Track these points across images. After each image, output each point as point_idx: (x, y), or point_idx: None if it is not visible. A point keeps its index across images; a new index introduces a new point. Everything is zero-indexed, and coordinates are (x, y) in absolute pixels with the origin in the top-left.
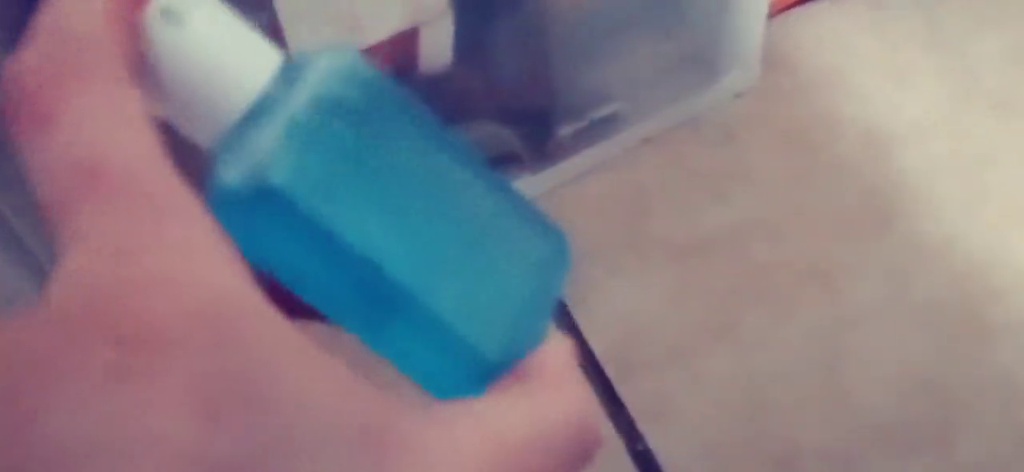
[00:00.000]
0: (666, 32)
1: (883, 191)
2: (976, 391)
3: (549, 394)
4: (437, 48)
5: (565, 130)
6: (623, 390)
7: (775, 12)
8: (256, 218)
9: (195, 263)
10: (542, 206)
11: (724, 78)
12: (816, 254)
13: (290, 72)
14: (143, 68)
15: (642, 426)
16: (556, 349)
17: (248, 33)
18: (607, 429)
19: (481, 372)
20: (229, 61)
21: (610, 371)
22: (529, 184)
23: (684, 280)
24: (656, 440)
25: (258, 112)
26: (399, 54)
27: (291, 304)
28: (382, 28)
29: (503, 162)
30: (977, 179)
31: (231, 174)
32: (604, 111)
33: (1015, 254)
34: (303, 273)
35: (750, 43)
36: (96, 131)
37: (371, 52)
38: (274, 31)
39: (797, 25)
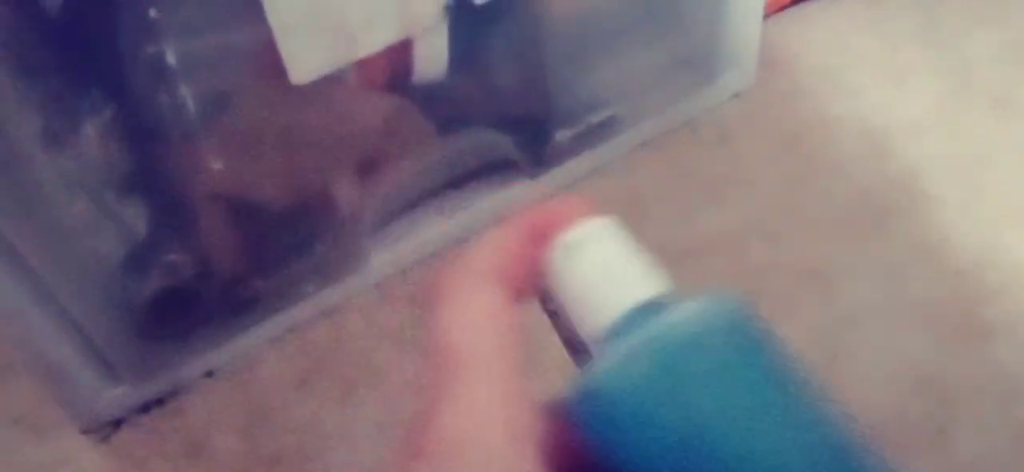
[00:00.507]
0: (662, 35)
1: (880, 191)
2: (974, 389)
3: None
4: (432, 58)
5: (562, 135)
6: None
7: (771, 12)
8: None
9: None
10: None
11: (720, 80)
12: (813, 255)
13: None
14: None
15: None
16: None
17: (636, 259)
18: None
19: None
20: (614, 283)
21: None
22: (526, 190)
23: (681, 284)
24: None
25: (629, 326)
26: (394, 65)
27: None
28: (375, 40)
29: (500, 169)
30: (975, 178)
31: (591, 374)
32: (601, 116)
33: (1012, 253)
34: None
35: (746, 44)
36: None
37: (365, 64)
38: (267, 44)
39: (793, 25)
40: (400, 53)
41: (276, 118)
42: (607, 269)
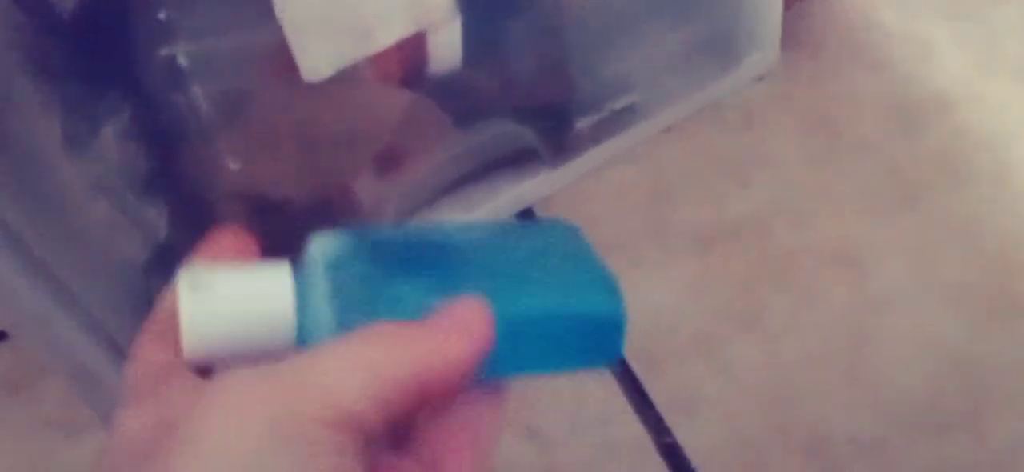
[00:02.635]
0: (684, 19)
1: (908, 169)
2: (1008, 369)
3: (434, 339)
4: (446, 50)
5: (584, 123)
6: (650, 385)
7: None
8: None
9: None
10: (563, 202)
11: (744, 62)
12: (842, 236)
13: (302, 278)
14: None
15: (670, 419)
16: (464, 304)
17: (259, 274)
18: (635, 424)
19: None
20: (256, 305)
21: (636, 365)
22: (549, 180)
23: (708, 269)
24: (684, 432)
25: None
26: (408, 58)
27: None
28: (388, 34)
29: (521, 159)
30: (1004, 152)
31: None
32: (623, 102)
33: None
34: None
35: (770, 25)
36: None
37: (379, 58)
38: (280, 43)
39: (816, 4)
40: (414, 46)
41: (292, 116)
42: (241, 297)
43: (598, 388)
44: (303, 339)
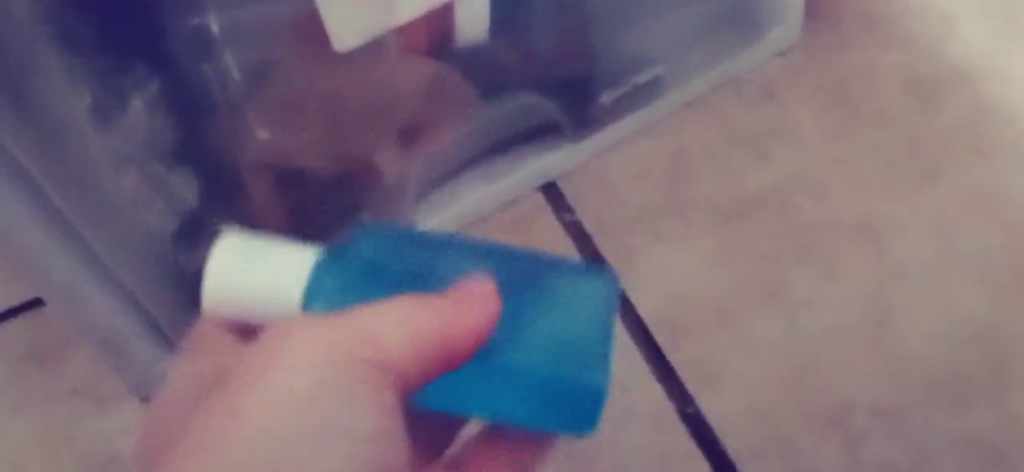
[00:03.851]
0: None
1: (929, 141)
2: None
3: (457, 306)
4: (473, 22)
5: (606, 97)
6: (672, 355)
7: None
8: None
9: None
10: (586, 176)
11: (766, 37)
12: (862, 209)
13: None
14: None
15: (692, 390)
16: (476, 279)
17: (285, 250)
18: (658, 394)
19: (596, 399)
20: (272, 280)
21: (659, 337)
22: (571, 153)
23: (729, 242)
24: (706, 403)
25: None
26: (435, 30)
27: None
28: (416, 5)
29: (544, 132)
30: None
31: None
32: (645, 76)
33: None
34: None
35: (792, 0)
36: None
37: (406, 29)
38: (310, 12)
39: None
40: (441, 17)
41: (320, 86)
42: (262, 268)
43: (620, 357)
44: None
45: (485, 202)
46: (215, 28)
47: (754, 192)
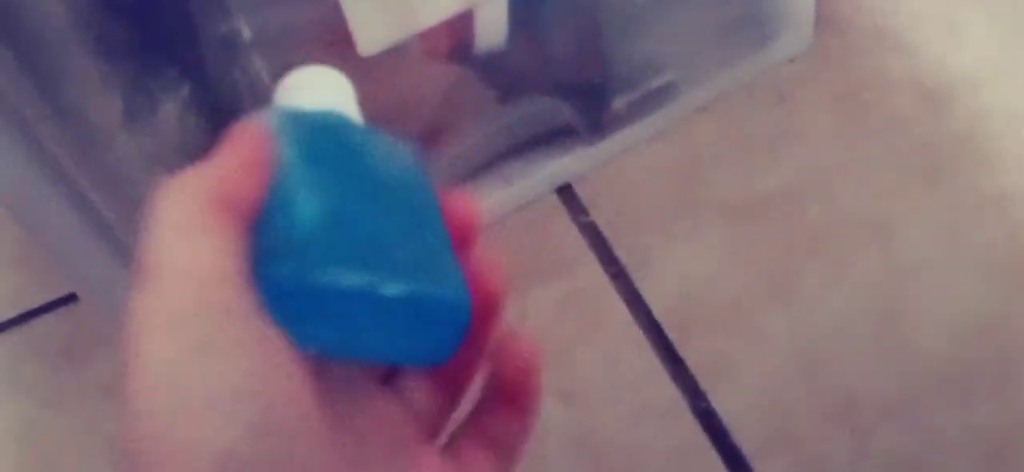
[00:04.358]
0: None
1: (937, 146)
2: None
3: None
4: (491, 29)
5: (620, 101)
6: (685, 352)
7: None
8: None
9: None
10: (600, 178)
11: (777, 43)
12: (872, 209)
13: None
14: None
15: (704, 385)
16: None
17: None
18: (670, 390)
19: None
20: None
21: (671, 333)
22: (586, 156)
23: (740, 240)
24: (718, 399)
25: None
26: (455, 35)
27: None
28: (438, 11)
29: (559, 136)
30: None
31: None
32: (658, 81)
33: None
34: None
35: (803, 6)
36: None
37: (427, 35)
38: (335, 17)
39: None
40: (461, 24)
41: None
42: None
43: (633, 353)
44: None
45: (501, 204)
46: (246, 33)
47: (765, 192)
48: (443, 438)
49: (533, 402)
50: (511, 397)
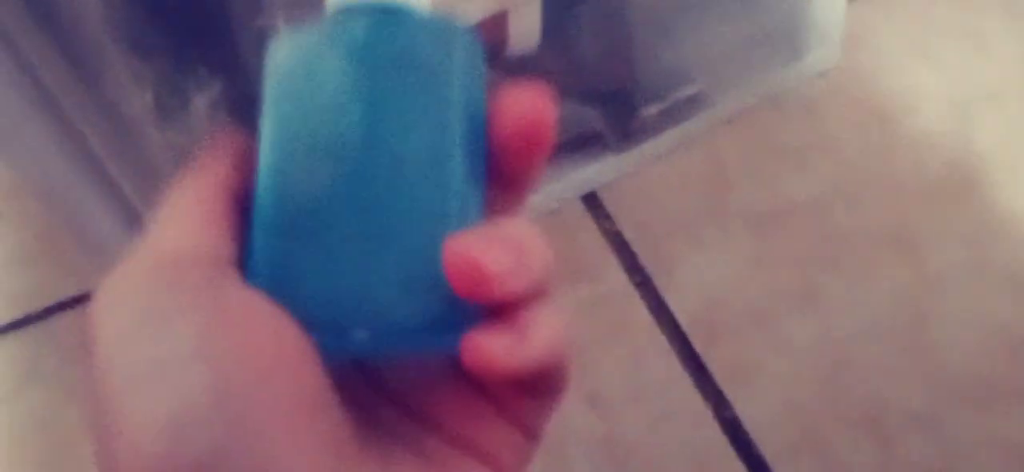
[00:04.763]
0: (749, 12)
1: (964, 160)
2: None
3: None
4: (526, 31)
5: (648, 110)
6: (709, 358)
7: None
8: None
9: None
10: (626, 186)
11: (807, 58)
12: (897, 221)
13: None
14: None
15: (728, 391)
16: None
17: None
18: (694, 395)
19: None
20: None
21: (696, 341)
22: (613, 164)
23: (766, 249)
24: (742, 406)
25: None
26: (488, 38)
27: None
28: (472, 12)
29: (587, 142)
30: None
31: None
32: (687, 91)
33: None
34: None
35: (833, 22)
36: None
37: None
38: None
39: (878, 4)
40: (495, 27)
41: None
42: None
43: (657, 358)
44: None
45: (527, 209)
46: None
47: (792, 202)
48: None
49: (561, 380)
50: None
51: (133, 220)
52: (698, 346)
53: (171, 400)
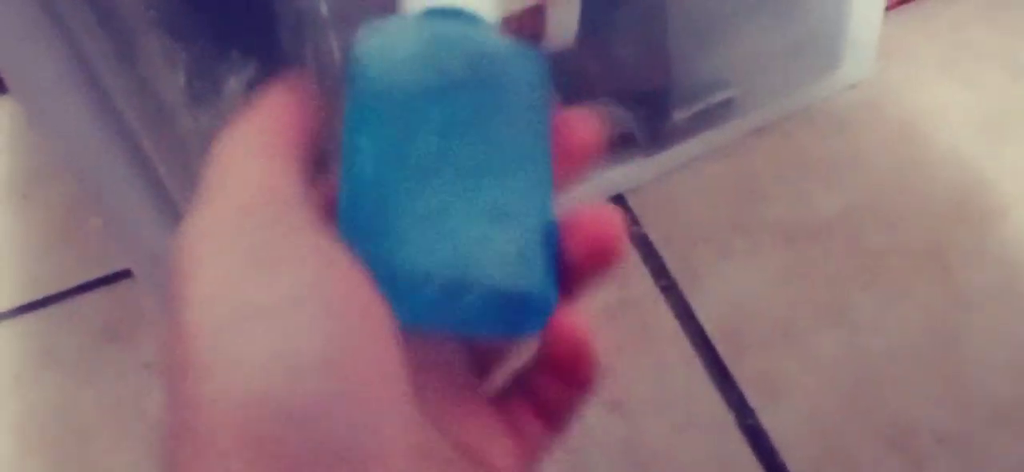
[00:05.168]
0: (784, 21)
1: (996, 180)
2: None
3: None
4: (563, 25)
5: (681, 114)
6: (734, 367)
7: (891, 6)
8: None
9: None
10: (655, 190)
11: (839, 69)
12: (929, 239)
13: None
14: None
15: (753, 403)
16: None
17: None
18: (718, 404)
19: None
20: None
21: (721, 349)
22: (643, 167)
23: (796, 263)
24: (767, 417)
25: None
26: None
27: None
28: (509, 5)
29: (619, 142)
30: None
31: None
32: (719, 97)
33: None
34: None
35: (867, 35)
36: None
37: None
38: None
39: (912, 18)
40: (532, 21)
41: None
42: None
43: (682, 365)
44: None
45: (557, 207)
46: (323, 9)
47: (822, 216)
48: (491, 385)
49: (587, 375)
50: (564, 370)
51: (165, 201)
52: (724, 355)
53: (278, 342)
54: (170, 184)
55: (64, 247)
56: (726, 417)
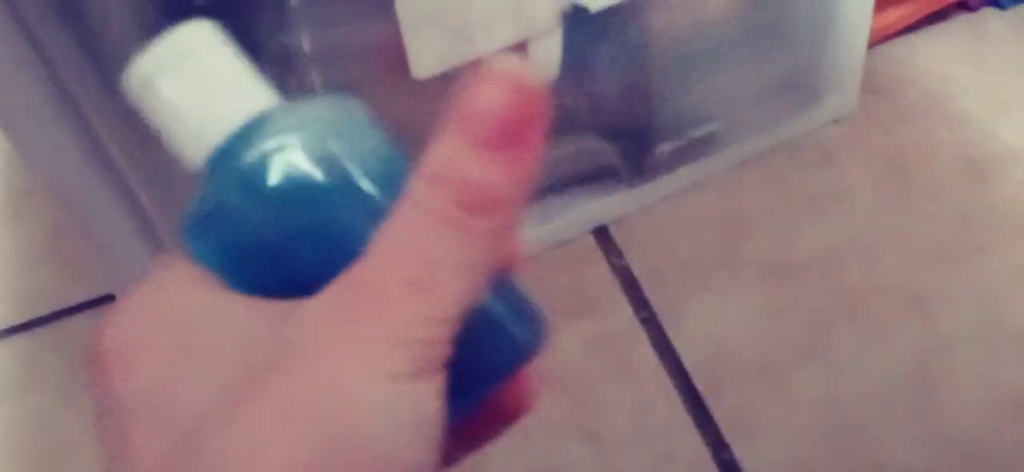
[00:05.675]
0: (767, 56)
1: (979, 218)
2: None
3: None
4: (545, 61)
5: (663, 148)
6: (712, 403)
7: (875, 41)
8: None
9: None
10: (638, 223)
11: (823, 103)
12: (910, 278)
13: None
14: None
15: (729, 438)
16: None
17: (231, 79)
18: (695, 440)
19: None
20: (194, 114)
21: (699, 384)
22: (626, 199)
23: (776, 299)
24: (743, 452)
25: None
26: None
27: None
28: (493, 41)
29: (601, 176)
30: None
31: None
32: (702, 131)
33: None
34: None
35: (850, 69)
36: None
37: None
38: (393, 38)
39: (897, 54)
40: (515, 54)
41: (396, 111)
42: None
43: (659, 400)
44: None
45: (539, 240)
46: (306, 46)
47: (804, 253)
48: None
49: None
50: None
51: (148, 228)
52: (702, 391)
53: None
54: (152, 211)
55: (52, 266)
56: (703, 452)
